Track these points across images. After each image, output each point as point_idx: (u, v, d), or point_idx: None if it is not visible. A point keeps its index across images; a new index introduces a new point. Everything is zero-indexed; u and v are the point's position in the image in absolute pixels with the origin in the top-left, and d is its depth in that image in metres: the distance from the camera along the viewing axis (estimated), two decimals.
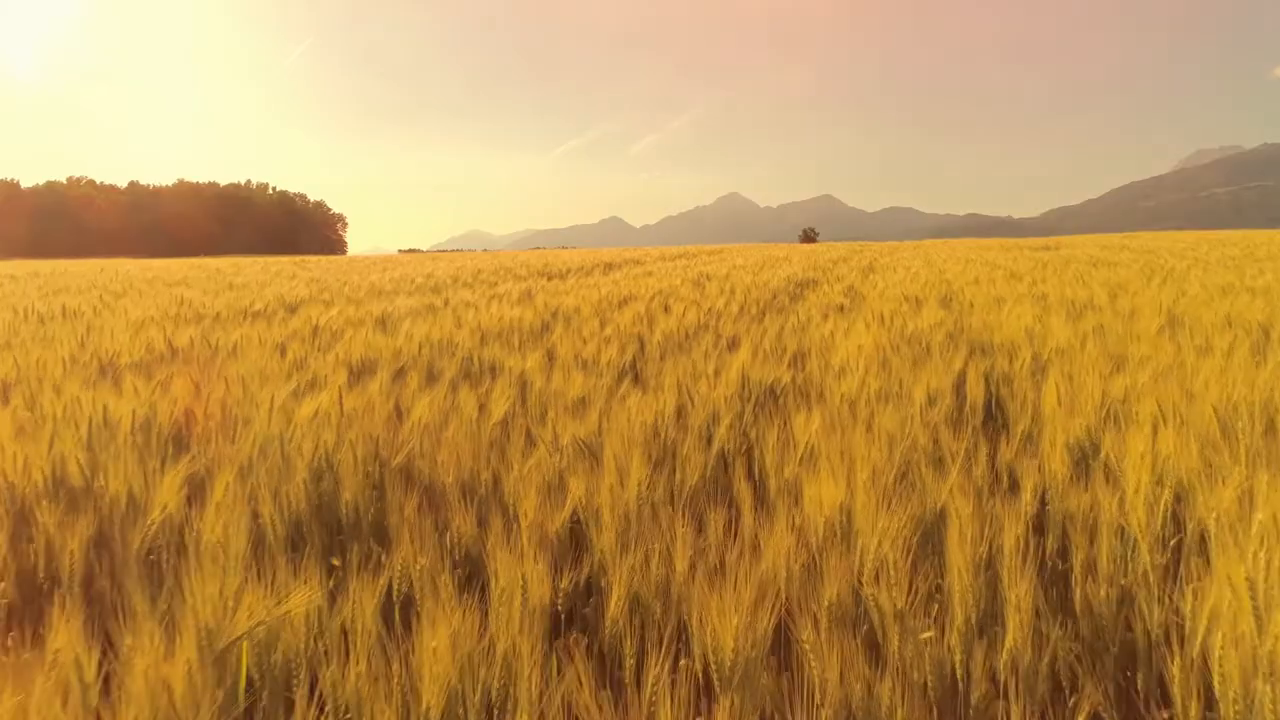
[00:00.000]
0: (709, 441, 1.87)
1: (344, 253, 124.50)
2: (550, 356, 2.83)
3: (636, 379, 2.69)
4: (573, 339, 3.18)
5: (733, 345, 3.19)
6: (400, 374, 2.51)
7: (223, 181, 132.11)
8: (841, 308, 4.74)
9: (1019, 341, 2.80)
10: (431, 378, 2.52)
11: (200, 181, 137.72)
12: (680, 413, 1.90)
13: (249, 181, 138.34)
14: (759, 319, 4.22)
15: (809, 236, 73.17)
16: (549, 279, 7.35)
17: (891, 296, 4.83)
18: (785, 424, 1.74)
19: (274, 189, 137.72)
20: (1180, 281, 5.56)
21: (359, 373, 2.54)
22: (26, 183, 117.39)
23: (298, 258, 23.45)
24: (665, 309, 4.33)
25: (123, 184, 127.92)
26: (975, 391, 2.06)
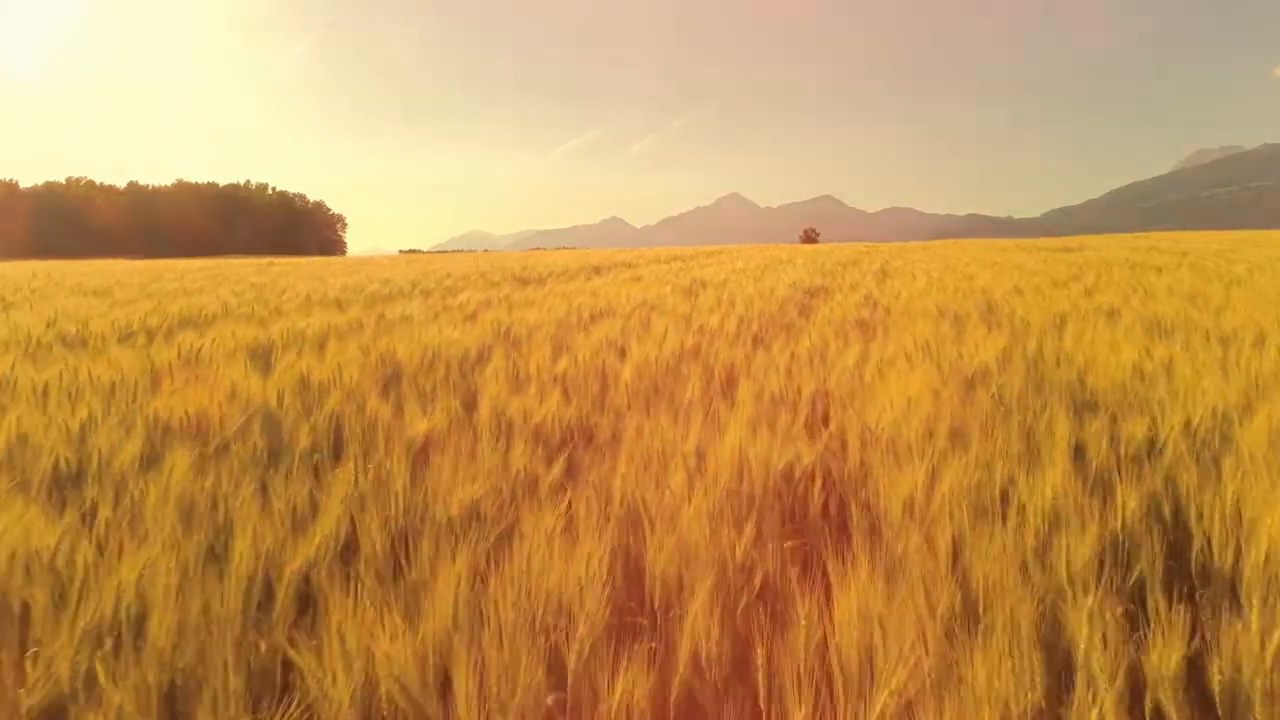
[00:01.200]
0: (672, 627, 1.04)
1: (343, 253, 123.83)
2: (468, 409, 2.00)
3: (588, 444, 1.86)
4: (510, 378, 2.35)
5: (728, 387, 2.35)
6: (225, 448, 1.68)
7: (222, 182, 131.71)
8: (864, 324, 3.90)
9: (1133, 388, 1.96)
10: (273, 454, 1.69)
11: (200, 182, 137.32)
12: (626, 563, 1.07)
13: (248, 182, 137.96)
14: (762, 342, 3.39)
15: (810, 237, 72.41)
16: (524, 285, 6.51)
17: (922, 310, 3.99)
18: (821, 594, 0.91)
19: (273, 189, 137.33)
20: (1252, 289, 4.73)
21: (167, 441, 1.70)
22: (26, 183, 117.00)
23: (267, 260, 22.96)
24: (646, 327, 3.50)
25: (122, 184, 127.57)
26: (1126, 503, 1.22)
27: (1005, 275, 6.26)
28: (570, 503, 1.29)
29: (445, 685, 0.76)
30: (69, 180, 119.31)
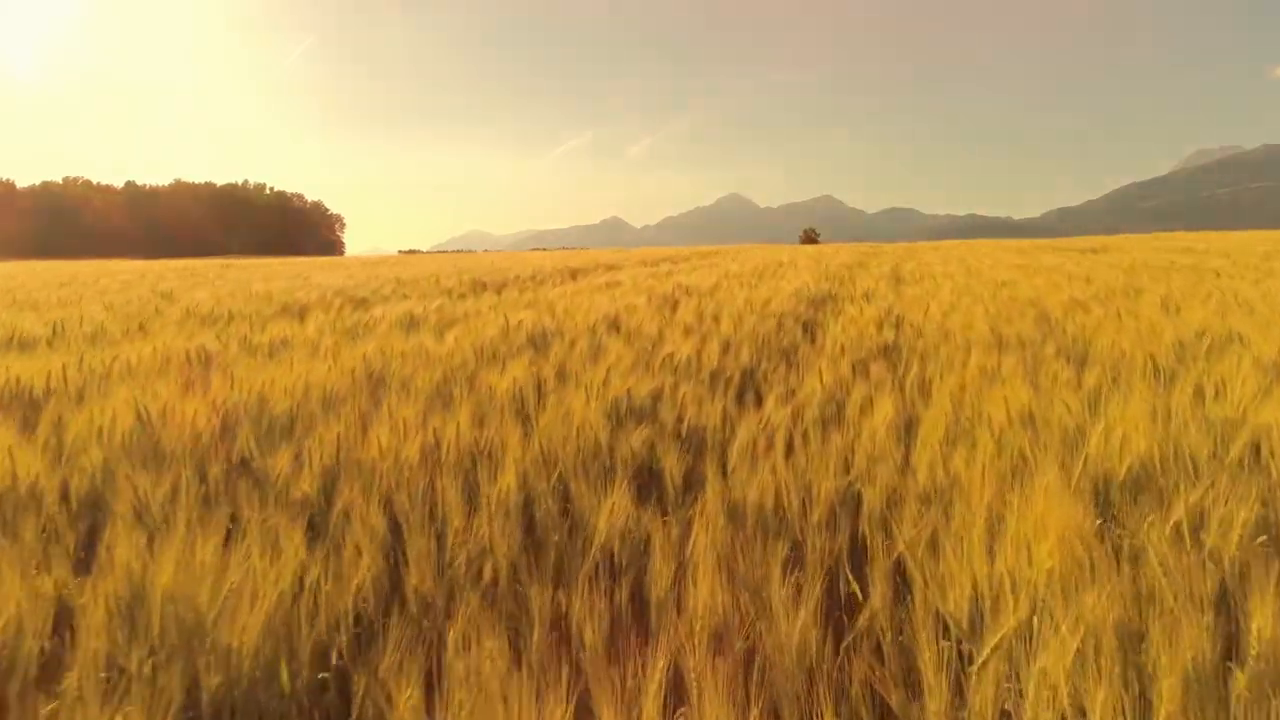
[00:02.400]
0: None
1: (341, 253, 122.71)
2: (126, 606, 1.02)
3: None
4: (315, 476, 1.38)
5: (683, 501, 1.38)
6: None
7: (222, 182, 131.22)
8: (892, 353, 2.93)
9: None
10: None
11: (197, 182, 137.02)
12: None
13: (246, 182, 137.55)
14: (751, 385, 2.43)
15: (810, 237, 71.57)
16: (478, 293, 5.55)
17: (966, 332, 3.01)
18: None
19: (271, 189, 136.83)
20: None
21: None
22: (24, 183, 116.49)
23: (222, 261, 23.15)
24: (593, 358, 2.52)
25: (119, 184, 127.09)
26: None
27: (1045, 281, 5.27)
28: None
29: None
30: (66, 180, 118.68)
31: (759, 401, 2.33)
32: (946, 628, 0.95)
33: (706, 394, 2.13)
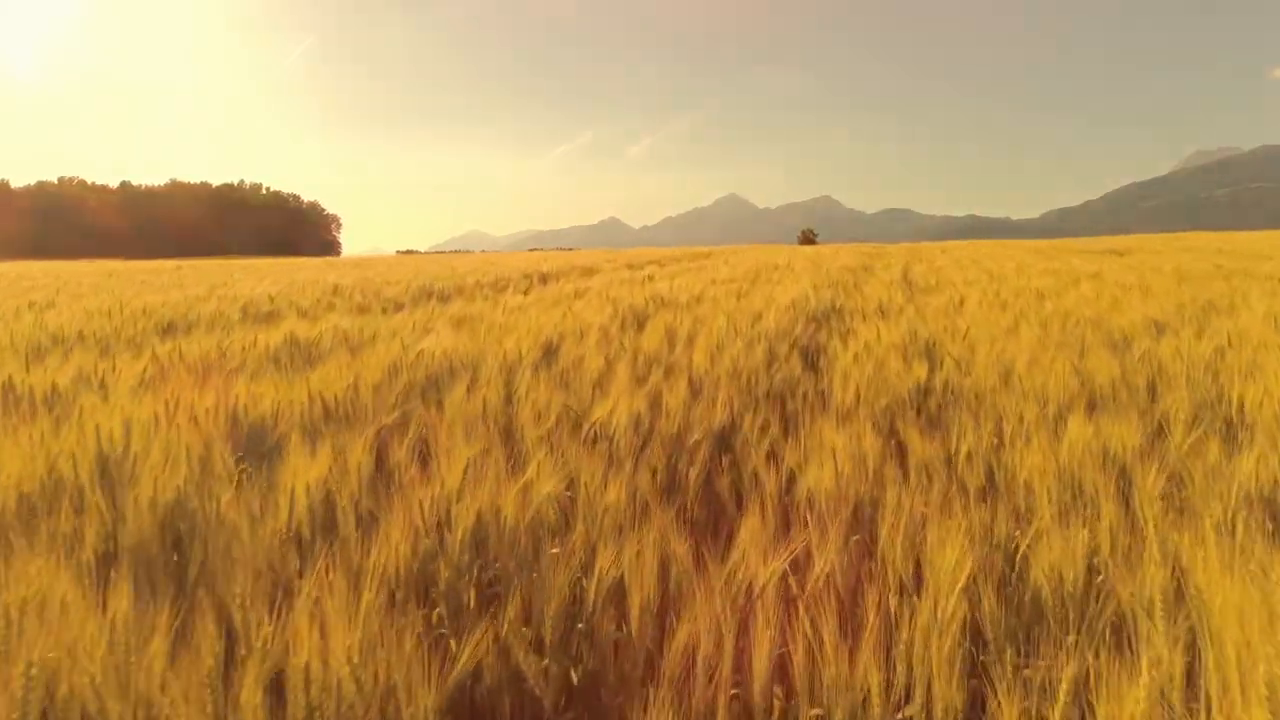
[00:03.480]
0: None
1: (338, 253, 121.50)
2: None
3: None
4: None
5: None
6: None
7: (220, 182, 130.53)
8: (924, 398, 2.08)
9: None
10: None
11: (194, 182, 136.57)
12: None
13: (242, 182, 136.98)
14: (722, 471, 1.58)
15: (808, 238, 70.88)
16: (423, 302, 4.72)
17: (1033, 372, 2.16)
18: None
19: (267, 189, 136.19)
20: None
21: None
22: (19, 183, 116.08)
23: (174, 262, 22.92)
24: (489, 423, 1.68)
25: (115, 184, 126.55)
26: None
27: (1092, 291, 4.43)
28: None
29: None
30: (61, 180, 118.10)
31: (738, 502, 1.49)
32: None
33: (647, 499, 1.29)
